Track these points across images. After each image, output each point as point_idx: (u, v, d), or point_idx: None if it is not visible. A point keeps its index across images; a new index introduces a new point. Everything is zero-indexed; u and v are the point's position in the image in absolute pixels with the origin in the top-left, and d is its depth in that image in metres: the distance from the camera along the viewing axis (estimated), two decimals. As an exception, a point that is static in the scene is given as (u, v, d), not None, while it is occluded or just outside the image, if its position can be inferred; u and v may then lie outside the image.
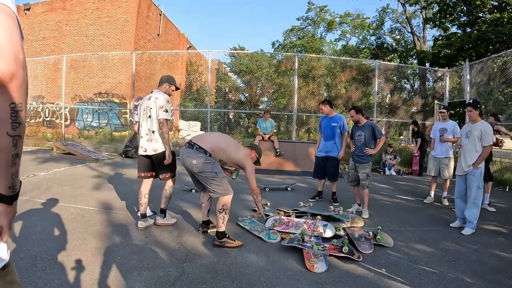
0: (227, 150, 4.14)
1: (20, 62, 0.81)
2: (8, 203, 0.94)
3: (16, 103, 0.82)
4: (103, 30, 19.09)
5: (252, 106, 21.28)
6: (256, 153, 4.50)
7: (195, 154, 3.98)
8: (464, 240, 4.66)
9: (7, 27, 0.79)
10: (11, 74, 0.78)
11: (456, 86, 14.41)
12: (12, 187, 0.93)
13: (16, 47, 0.80)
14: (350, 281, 3.25)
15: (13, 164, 0.89)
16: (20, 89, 0.81)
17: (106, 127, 18.01)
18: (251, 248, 3.99)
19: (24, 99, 0.84)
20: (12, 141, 0.84)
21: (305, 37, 31.15)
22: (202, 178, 4.03)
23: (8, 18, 0.80)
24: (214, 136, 4.39)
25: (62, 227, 4.28)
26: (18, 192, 0.97)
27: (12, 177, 0.91)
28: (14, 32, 0.81)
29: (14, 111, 0.82)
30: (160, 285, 2.94)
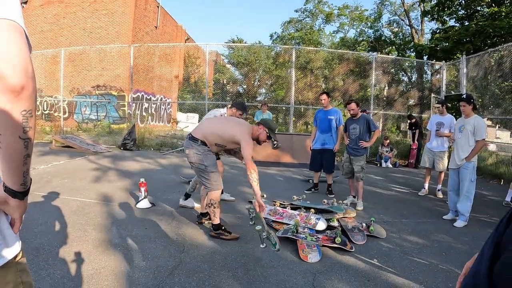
0: (221, 131, 3.97)
1: (29, 74, 0.89)
2: (20, 198, 1.03)
3: (26, 110, 0.90)
4: (100, 23, 19.02)
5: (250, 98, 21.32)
6: (265, 128, 4.11)
7: (188, 144, 4.04)
8: (456, 232, 4.77)
9: (17, 42, 0.87)
10: (22, 87, 0.87)
11: (453, 80, 14.47)
12: (23, 184, 1.02)
13: (25, 61, 0.88)
14: (342, 270, 3.37)
15: (24, 164, 0.97)
16: (30, 99, 0.91)
17: (104, 119, 18.03)
18: (246, 239, 4.10)
19: (34, 106, 0.93)
20: (23, 143, 0.94)
21: (303, 29, 31.07)
22: (194, 169, 4.10)
23: (16, 33, 0.88)
24: (208, 122, 4.23)
25: (63, 219, 4.37)
26: (29, 188, 1.06)
27: (23, 175, 1.00)
28: (23, 47, 0.89)
29: (25, 117, 0.91)
30: (158, 275, 3.04)
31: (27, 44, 0.92)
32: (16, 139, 0.92)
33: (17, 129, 0.91)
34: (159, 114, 23.17)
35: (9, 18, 0.87)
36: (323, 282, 3.10)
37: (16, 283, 1.09)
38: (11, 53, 0.86)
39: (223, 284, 2.96)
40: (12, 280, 1.08)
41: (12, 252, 1.08)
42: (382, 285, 3.09)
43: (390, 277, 3.27)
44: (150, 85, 21.30)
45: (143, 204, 5.15)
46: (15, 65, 0.86)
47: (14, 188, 1.01)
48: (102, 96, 18.82)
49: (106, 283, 2.85)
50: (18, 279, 1.10)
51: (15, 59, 0.86)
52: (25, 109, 0.90)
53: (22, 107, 0.89)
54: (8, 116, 0.88)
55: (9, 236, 1.08)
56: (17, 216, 1.08)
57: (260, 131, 4.10)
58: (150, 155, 11.10)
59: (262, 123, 4.17)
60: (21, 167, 0.98)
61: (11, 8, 0.89)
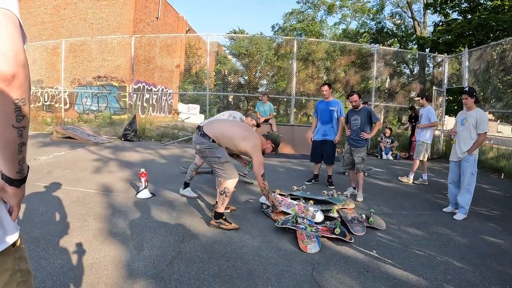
0: (232, 138, 4.12)
1: (20, 62, 0.88)
2: (17, 186, 1.05)
3: (19, 99, 0.90)
4: (101, 13, 18.92)
5: (251, 89, 21.27)
6: (272, 143, 4.44)
7: (199, 139, 4.12)
8: (455, 225, 4.78)
9: (7, 29, 0.87)
10: (12, 75, 0.87)
11: (455, 73, 14.40)
12: (20, 171, 1.03)
13: (17, 49, 0.88)
14: (341, 261, 3.38)
15: (19, 152, 0.98)
16: (22, 87, 0.90)
17: (105, 110, 18.03)
18: (246, 229, 4.12)
19: (27, 94, 0.93)
20: (17, 132, 0.94)
21: (305, 21, 30.89)
22: (207, 162, 4.23)
23: (9, 21, 0.88)
24: (221, 124, 4.38)
25: (64, 209, 4.38)
26: (26, 176, 1.07)
27: (19, 163, 1.01)
28: (14, 34, 0.89)
29: (18, 106, 0.90)
30: (158, 264, 3.06)
31: (20, 33, 0.92)
32: (10, 128, 0.92)
33: (10, 118, 0.91)
34: (160, 105, 23.15)
35: (3, 7, 0.87)
36: (322, 273, 3.11)
37: (14, 271, 1.10)
38: (2, 42, 0.86)
39: (222, 274, 2.97)
40: (10, 267, 1.10)
41: (11, 239, 1.09)
42: (381, 276, 3.11)
43: (388, 268, 3.29)
44: (151, 76, 21.26)
45: (143, 194, 5.16)
46: (5, 53, 0.86)
47: (11, 176, 1.02)
48: (103, 87, 18.80)
49: (105, 272, 2.87)
50: (16, 267, 1.12)
51: (6, 47, 0.86)
52: (18, 97, 0.90)
53: (14, 95, 0.89)
54: (1, 105, 0.88)
55: (7, 223, 1.09)
56: (15, 203, 1.09)
57: (268, 146, 4.42)
58: (151, 146, 11.10)
59: (271, 138, 4.46)
60: (16, 156, 0.98)
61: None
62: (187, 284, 2.76)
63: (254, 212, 4.79)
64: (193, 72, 24.80)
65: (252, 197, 5.57)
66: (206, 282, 2.81)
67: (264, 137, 4.43)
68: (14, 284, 1.10)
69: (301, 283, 2.91)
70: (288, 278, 2.98)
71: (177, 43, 23.24)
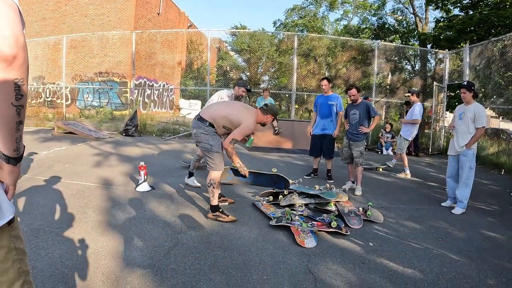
0: (228, 115, 4.12)
1: (20, 45, 0.94)
2: (13, 164, 1.09)
3: (18, 78, 0.96)
4: (102, 9, 18.92)
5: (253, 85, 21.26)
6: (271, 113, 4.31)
7: (196, 124, 4.17)
8: (453, 219, 4.79)
9: (8, 15, 0.92)
10: (13, 56, 0.92)
11: (456, 69, 14.36)
12: (16, 149, 1.07)
13: (16, 32, 0.93)
14: (337, 253, 3.40)
15: (17, 130, 1.03)
16: (21, 68, 0.96)
17: (106, 106, 18.07)
18: (243, 221, 4.15)
19: (25, 75, 0.98)
20: (16, 110, 0.99)
21: (306, 16, 30.78)
22: (201, 148, 4.24)
23: (8, 7, 0.93)
24: (217, 105, 4.44)
25: (64, 202, 4.42)
26: (22, 155, 1.12)
27: (16, 141, 1.06)
28: (15, 19, 0.94)
29: (17, 85, 0.96)
30: (155, 254, 3.09)
31: (20, 18, 0.97)
32: (9, 105, 0.97)
33: (9, 96, 0.96)
34: (161, 101, 23.17)
35: None
36: (318, 264, 3.14)
37: (9, 248, 1.14)
38: (3, 26, 0.91)
39: (219, 264, 3.00)
40: (6, 245, 1.13)
41: (6, 218, 1.12)
42: (376, 268, 3.13)
43: (384, 260, 3.31)
44: (152, 72, 21.27)
45: (143, 187, 5.20)
46: (7, 37, 0.91)
47: (8, 154, 1.06)
48: (104, 82, 18.83)
49: (103, 262, 2.90)
50: (11, 245, 1.15)
51: (7, 31, 0.91)
52: (17, 77, 0.95)
53: (14, 75, 0.94)
54: (1, 84, 0.93)
55: (3, 202, 1.13)
56: (11, 182, 1.13)
57: (268, 119, 4.33)
58: (152, 141, 11.14)
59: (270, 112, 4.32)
60: (13, 133, 1.03)
61: None
62: (183, 273, 2.80)
63: (252, 205, 4.81)
64: (195, 68, 24.79)
65: (250, 190, 5.59)
66: (202, 272, 2.84)
67: (262, 111, 4.34)
68: (10, 261, 1.14)
69: (296, 274, 2.93)
70: (283, 269, 3.00)
71: (178, 38, 23.23)
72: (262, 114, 4.28)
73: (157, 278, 2.71)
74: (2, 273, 1.12)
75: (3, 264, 1.11)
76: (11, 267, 1.14)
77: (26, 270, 1.21)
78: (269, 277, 2.84)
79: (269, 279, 2.82)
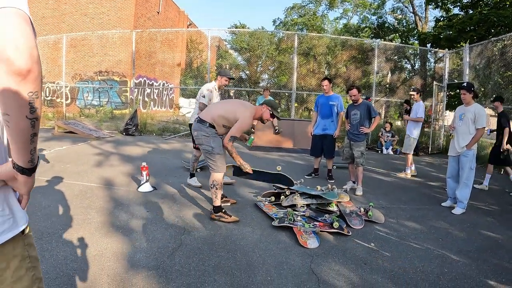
0: (224, 112, 4.16)
1: (35, 59, 0.94)
2: (28, 174, 1.10)
3: (33, 92, 0.96)
4: (102, 8, 18.93)
5: (253, 84, 21.25)
6: (268, 106, 4.30)
7: (197, 126, 4.19)
8: (453, 219, 4.82)
9: (23, 29, 0.93)
10: (28, 70, 0.92)
11: (456, 68, 14.39)
12: (31, 161, 1.08)
13: (31, 46, 0.93)
14: (339, 254, 3.43)
15: (31, 142, 1.04)
16: (36, 81, 0.96)
17: (106, 105, 18.08)
18: (246, 222, 4.18)
19: (39, 88, 0.99)
20: (30, 122, 0.99)
21: (306, 15, 30.78)
22: (202, 150, 4.25)
23: (22, 20, 0.93)
24: (215, 104, 4.50)
25: (66, 203, 4.44)
26: (36, 165, 1.12)
27: (31, 153, 1.06)
28: (29, 33, 0.94)
29: (32, 98, 0.96)
30: (159, 256, 3.11)
31: (33, 30, 0.97)
32: (24, 118, 0.97)
33: (24, 109, 0.96)
34: (161, 100, 23.19)
35: (15, 6, 0.93)
36: (321, 265, 3.17)
37: (23, 256, 1.16)
38: (17, 39, 0.91)
39: (223, 265, 3.03)
40: (20, 253, 1.15)
41: (20, 227, 1.14)
42: (378, 269, 3.16)
43: (386, 261, 3.34)
44: (152, 71, 21.28)
45: (145, 187, 5.22)
46: (22, 51, 0.91)
47: (23, 165, 1.07)
48: (104, 81, 18.84)
49: (108, 264, 2.93)
50: (25, 253, 1.17)
51: (22, 45, 0.91)
52: (32, 90, 0.96)
53: (28, 88, 0.95)
54: (16, 98, 0.94)
55: (17, 211, 1.15)
56: (25, 191, 1.15)
57: (264, 110, 4.30)
58: (152, 140, 11.16)
59: (265, 102, 4.37)
60: (28, 145, 1.03)
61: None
62: (187, 275, 2.82)
63: (254, 206, 4.84)
64: (194, 67, 24.80)
65: (252, 190, 5.62)
66: (207, 273, 2.87)
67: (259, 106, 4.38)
68: (24, 269, 1.15)
69: (300, 274, 2.96)
70: (286, 269, 3.03)
71: (178, 37, 23.24)
72: (259, 107, 4.34)
73: (162, 279, 2.73)
74: (16, 281, 1.13)
75: (17, 272, 1.13)
76: (25, 275, 1.16)
77: (40, 277, 1.22)
78: (273, 278, 2.87)
79: (273, 280, 2.85)
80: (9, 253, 1.11)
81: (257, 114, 4.29)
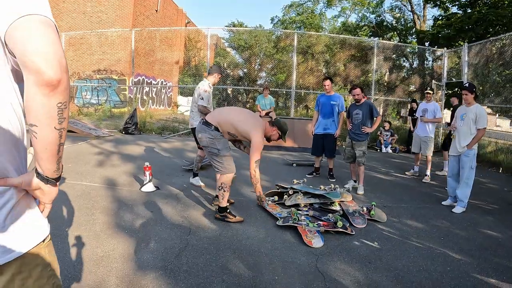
0: (234, 121, 4.13)
1: (64, 68, 0.93)
2: (53, 184, 1.10)
3: (62, 102, 0.96)
4: (100, 6, 18.88)
5: (251, 82, 21.24)
6: (278, 129, 4.31)
7: (202, 129, 4.18)
8: (454, 218, 4.88)
9: (51, 37, 0.92)
10: (58, 80, 0.92)
11: (454, 67, 14.45)
12: (57, 170, 1.09)
13: (60, 55, 0.92)
14: (344, 253, 3.47)
15: (58, 152, 1.04)
16: (65, 91, 0.96)
17: (105, 104, 18.05)
18: (250, 221, 4.21)
19: (68, 98, 0.98)
20: (58, 133, 0.99)
21: (304, 13, 30.79)
22: (207, 153, 4.26)
23: (49, 28, 0.93)
24: (224, 110, 4.46)
25: (70, 204, 4.44)
26: (61, 174, 1.13)
27: (57, 162, 1.07)
28: (57, 42, 0.93)
29: (60, 109, 0.96)
30: (166, 256, 3.14)
31: (59, 37, 0.96)
32: (52, 129, 0.97)
33: (53, 120, 0.96)
34: (160, 98, 23.16)
35: (42, 14, 0.92)
36: (326, 264, 3.20)
37: (44, 265, 1.15)
38: (46, 48, 0.90)
39: (230, 265, 3.06)
40: (41, 262, 1.14)
41: (42, 236, 1.14)
42: (383, 267, 3.20)
43: (390, 260, 3.38)
44: (151, 69, 21.25)
45: (148, 187, 5.24)
46: (51, 60, 0.90)
47: (49, 175, 1.07)
48: (103, 80, 18.81)
49: (115, 265, 2.95)
50: (46, 261, 1.16)
51: (51, 54, 0.90)
52: (61, 101, 0.95)
53: (58, 99, 0.94)
54: (45, 109, 0.93)
55: (40, 220, 1.15)
56: (48, 201, 1.15)
57: (274, 133, 4.33)
58: (152, 139, 11.16)
59: (276, 125, 4.35)
60: (56, 155, 1.04)
61: (42, 4, 0.94)
62: (196, 275, 2.85)
63: (258, 205, 4.85)
64: (193, 65, 24.78)
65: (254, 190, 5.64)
66: (214, 273, 2.90)
67: (270, 124, 4.38)
68: (45, 278, 1.14)
69: (306, 273, 3.00)
70: (293, 269, 3.07)
71: (177, 36, 23.20)
72: (270, 126, 4.34)
73: (171, 280, 2.76)
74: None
75: (39, 281, 1.12)
76: (46, 284, 1.14)
77: (59, 284, 1.22)
78: (280, 278, 2.90)
79: (280, 279, 2.88)
80: (32, 262, 1.10)
81: (267, 133, 4.31)
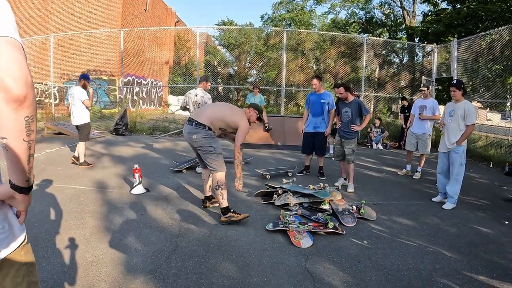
0: (223, 116, 4.30)
1: (29, 85, 1.01)
2: (26, 193, 1.18)
3: (29, 116, 1.04)
4: (89, 7, 18.74)
5: (241, 80, 21.21)
6: (255, 110, 4.54)
7: (194, 130, 4.23)
8: (444, 215, 4.90)
9: (16, 58, 0.99)
10: (24, 96, 1.00)
11: (444, 62, 14.53)
12: (28, 180, 1.16)
13: (25, 73, 1.00)
14: (333, 252, 3.48)
15: (28, 162, 1.12)
16: (31, 106, 1.04)
17: (95, 104, 17.93)
18: (240, 222, 4.19)
19: (35, 112, 1.07)
20: (27, 145, 1.07)
21: (294, 10, 30.75)
22: (201, 152, 4.30)
23: (16, 49, 1.00)
24: (210, 108, 4.57)
25: (59, 208, 4.42)
26: (32, 184, 1.21)
27: (27, 173, 1.14)
28: (22, 61, 1.01)
29: (28, 122, 1.04)
30: (156, 260, 3.13)
31: (25, 56, 1.04)
32: (21, 141, 1.05)
33: (21, 133, 1.04)
34: (150, 98, 23.08)
35: (9, 36, 1.00)
36: (315, 264, 3.21)
37: (20, 265, 1.23)
38: (12, 68, 0.98)
39: (219, 267, 3.06)
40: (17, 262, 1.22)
41: (18, 242, 1.23)
42: (372, 267, 3.21)
43: (379, 258, 3.39)
44: (140, 69, 21.15)
45: (138, 190, 5.22)
46: (17, 79, 0.98)
47: (21, 184, 1.15)
48: (93, 81, 18.64)
49: (105, 269, 2.93)
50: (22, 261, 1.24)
51: (17, 73, 0.98)
52: (27, 115, 1.03)
53: (24, 114, 1.02)
54: (14, 123, 1.01)
55: (16, 227, 1.23)
56: (23, 208, 1.23)
57: (252, 113, 4.52)
58: (143, 139, 11.11)
59: (252, 106, 4.58)
60: (26, 166, 1.11)
61: (7, 25, 1.01)
62: (185, 278, 2.85)
63: (248, 205, 4.87)
64: (183, 64, 24.69)
65: (244, 189, 5.61)
66: (204, 276, 2.89)
67: (247, 108, 4.61)
68: (21, 276, 1.22)
69: (295, 274, 3.00)
70: (282, 270, 3.07)
71: (166, 35, 23.09)
72: (247, 109, 4.54)
73: (160, 284, 2.75)
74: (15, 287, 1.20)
75: (15, 279, 1.20)
76: (22, 282, 1.23)
77: (35, 280, 1.29)
78: (269, 279, 2.91)
79: (269, 280, 2.89)
80: (9, 264, 1.19)
81: (247, 116, 4.47)
